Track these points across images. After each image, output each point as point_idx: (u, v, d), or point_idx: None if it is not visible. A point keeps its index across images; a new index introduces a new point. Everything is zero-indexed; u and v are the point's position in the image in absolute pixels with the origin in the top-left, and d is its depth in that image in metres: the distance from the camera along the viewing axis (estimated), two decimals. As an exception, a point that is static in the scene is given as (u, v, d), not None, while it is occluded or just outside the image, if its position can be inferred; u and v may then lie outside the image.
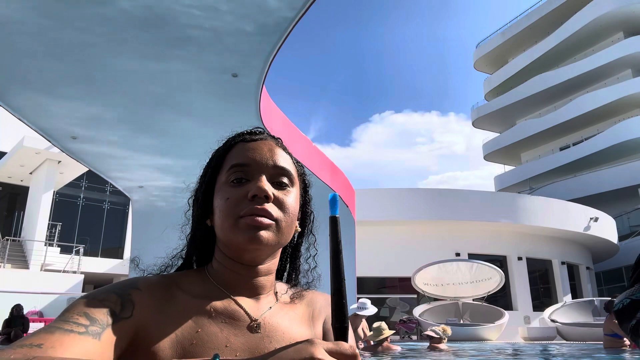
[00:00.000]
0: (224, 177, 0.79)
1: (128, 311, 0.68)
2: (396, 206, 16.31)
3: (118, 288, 0.71)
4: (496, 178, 35.29)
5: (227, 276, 0.79)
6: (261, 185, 0.74)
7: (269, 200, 0.75)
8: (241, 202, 0.74)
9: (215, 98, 6.10)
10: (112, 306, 0.67)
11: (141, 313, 0.69)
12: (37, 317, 12.51)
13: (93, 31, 4.83)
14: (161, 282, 0.76)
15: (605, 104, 27.68)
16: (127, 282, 0.74)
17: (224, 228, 0.75)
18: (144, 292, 0.71)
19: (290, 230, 0.79)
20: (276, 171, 0.79)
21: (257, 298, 0.80)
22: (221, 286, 0.78)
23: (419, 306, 14.35)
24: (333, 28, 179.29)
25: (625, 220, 24.24)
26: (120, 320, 0.66)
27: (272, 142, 0.83)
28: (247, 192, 0.75)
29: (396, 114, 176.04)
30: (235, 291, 0.79)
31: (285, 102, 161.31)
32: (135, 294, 0.71)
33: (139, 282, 0.74)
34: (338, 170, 11.00)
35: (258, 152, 0.79)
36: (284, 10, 4.59)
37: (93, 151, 7.81)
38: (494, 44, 36.57)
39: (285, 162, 0.81)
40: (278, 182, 0.79)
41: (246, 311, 0.77)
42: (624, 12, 28.01)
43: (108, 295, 0.69)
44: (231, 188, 0.77)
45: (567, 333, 13.21)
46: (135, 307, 0.69)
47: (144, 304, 0.70)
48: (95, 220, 20.73)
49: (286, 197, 0.78)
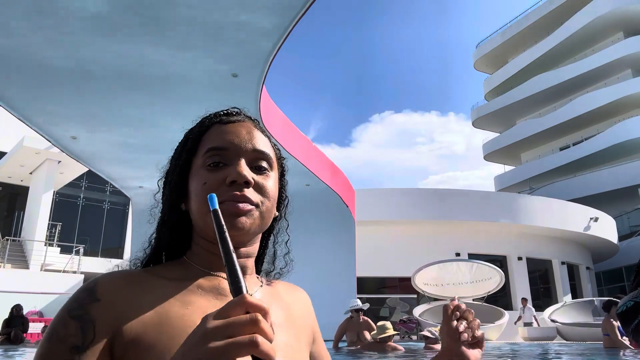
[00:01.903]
0: (200, 161, 0.75)
1: (90, 334, 0.64)
2: (396, 206, 16.31)
3: (75, 307, 0.66)
4: (496, 178, 35.29)
5: (208, 258, 0.76)
6: (240, 171, 0.72)
7: (248, 186, 0.72)
8: (219, 187, 0.71)
9: (215, 98, 6.10)
10: (74, 340, 0.63)
11: (105, 325, 0.65)
12: (37, 317, 12.51)
13: (93, 31, 4.83)
14: (131, 275, 0.71)
15: (605, 104, 27.67)
16: (85, 293, 0.67)
17: (202, 213, 0.72)
18: (103, 302, 0.66)
19: (271, 215, 0.77)
20: (255, 155, 0.76)
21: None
22: (204, 269, 0.75)
23: (419, 306, 14.34)
24: (333, 28, 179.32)
25: (625, 220, 24.23)
26: (87, 350, 0.63)
27: (250, 123, 0.80)
28: (225, 177, 0.72)
29: (396, 114, 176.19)
30: (220, 271, 0.75)
31: (285, 102, 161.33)
32: (93, 308, 0.65)
33: (98, 287, 0.68)
34: (338, 170, 11.00)
35: (236, 135, 0.76)
36: (284, 11, 4.59)
37: (93, 151, 7.82)
38: (494, 44, 36.57)
39: (264, 145, 0.78)
40: (257, 167, 0.76)
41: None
42: (624, 12, 28.00)
43: (68, 328, 0.64)
44: (208, 172, 0.73)
45: (567, 333, 13.21)
46: (96, 324, 0.64)
47: (106, 314, 0.65)
48: (95, 220, 20.73)
49: (266, 181, 0.75)
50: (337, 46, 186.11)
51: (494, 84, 36.32)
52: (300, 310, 0.85)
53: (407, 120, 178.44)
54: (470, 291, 14.15)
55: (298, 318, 0.83)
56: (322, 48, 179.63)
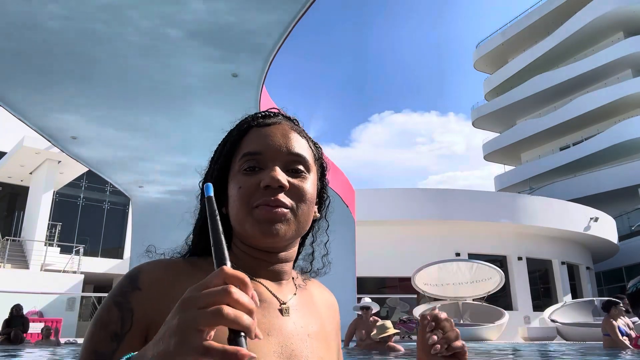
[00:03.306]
0: (237, 165, 0.76)
1: (128, 323, 0.66)
2: (396, 206, 16.31)
3: (118, 294, 0.69)
4: (496, 178, 35.29)
5: (248, 261, 0.76)
6: (274, 175, 0.71)
7: (283, 190, 0.72)
8: (255, 191, 0.72)
9: (215, 98, 6.10)
10: (114, 327, 0.66)
11: (143, 315, 0.67)
12: (37, 317, 12.50)
13: (93, 32, 4.83)
14: (174, 265, 0.73)
15: (605, 104, 27.68)
16: (128, 281, 0.70)
17: (238, 218, 0.73)
18: (143, 291, 0.68)
19: (309, 218, 0.76)
20: (291, 158, 0.75)
21: (279, 283, 0.78)
22: (243, 270, 0.76)
23: (419, 306, 14.35)
24: (333, 28, 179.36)
25: (625, 220, 24.23)
26: (125, 337, 0.65)
27: (286, 125, 0.79)
28: (260, 181, 0.72)
29: (396, 114, 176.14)
30: (257, 276, 0.76)
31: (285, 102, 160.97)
32: (134, 297, 0.68)
33: (141, 275, 0.70)
34: (338, 170, 11.00)
35: (271, 139, 0.76)
36: (284, 11, 4.59)
37: (93, 151, 7.82)
38: (494, 44, 36.56)
39: (300, 147, 0.77)
40: (293, 170, 0.75)
41: (274, 294, 0.75)
42: (624, 12, 28.00)
43: (110, 314, 0.67)
44: (244, 177, 0.74)
45: (567, 333, 13.21)
46: (134, 313, 0.67)
47: (145, 304, 0.67)
48: (95, 220, 20.72)
49: (302, 184, 0.75)
50: (336, 46, 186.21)
51: (494, 84, 36.31)
52: (330, 317, 0.86)
53: (407, 120, 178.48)
54: (470, 291, 14.16)
55: (328, 325, 0.83)
56: (322, 48, 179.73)
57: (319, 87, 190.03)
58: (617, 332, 6.15)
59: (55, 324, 10.91)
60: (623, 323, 6.32)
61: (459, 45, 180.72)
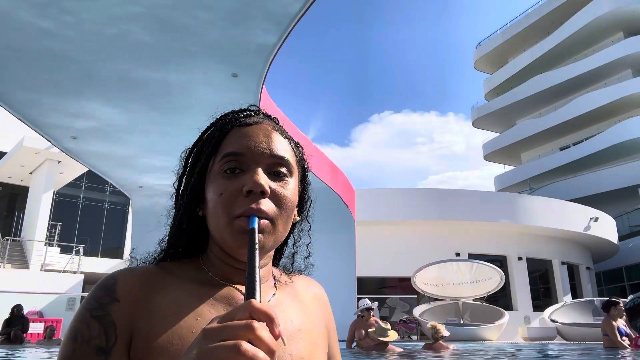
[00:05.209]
0: (217, 166, 0.73)
1: (112, 337, 0.65)
2: (396, 206, 16.31)
3: (96, 307, 0.67)
4: (496, 178, 35.29)
5: (224, 269, 0.75)
6: (257, 180, 0.69)
7: (265, 196, 0.70)
8: (236, 198, 0.69)
9: (215, 98, 6.10)
10: (98, 342, 0.64)
11: (124, 327, 0.66)
12: (37, 317, 12.50)
13: (93, 32, 4.84)
14: (147, 273, 0.72)
15: (605, 104, 27.68)
16: (104, 292, 0.68)
17: (218, 226, 0.71)
18: (122, 303, 0.67)
19: (287, 225, 0.74)
20: (273, 160, 0.73)
21: None
22: (218, 278, 0.74)
23: (419, 306, 14.35)
24: (332, 28, 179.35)
25: (625, 220, 24.22)
26: (111, 352, 0.64)
27: (268, 125, 0.77)
28: (242, 185, 0.69)
29: (395, 114, 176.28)
30: (234, 282, 0.74)
31: (285, 102, 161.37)
32: (113, 309, 0.67)
33: (117, 286, 0.69)
34: (338, 170, 11.00)
35: (253, 140, 0.73)
36: (284, 11, 4.59)
37: (93, 151, 7.82)
38: (494, 44, 36.57)
39: (282, 149, 0.75)
40: (275, 172, 0.73)
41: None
42: (624, 12, 28.00)
43: (91, 329, 0.65)
44: (225, 180, 0.71)
45: (567, 333, 13.22)
46: (117, 326, 0.66)
47: (125, 316, 0.67)
48: (95, 220, 20.73)
49: (284, 189, 0.72)
50: (336, 46, 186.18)
51: (494, 84, 36.32)
52: (318, 310, 0.84)
53: (407, 120, 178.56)
54: (470, 291, 14.16)
55: (315, 319, 0.82)
56: (321, 48, 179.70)
57: (319, 88, 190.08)
58: (616, 333, 6.15)
59: (55, 324, 10.92)
60: (623, 323, 6.32)
61: (459, 45, 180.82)
